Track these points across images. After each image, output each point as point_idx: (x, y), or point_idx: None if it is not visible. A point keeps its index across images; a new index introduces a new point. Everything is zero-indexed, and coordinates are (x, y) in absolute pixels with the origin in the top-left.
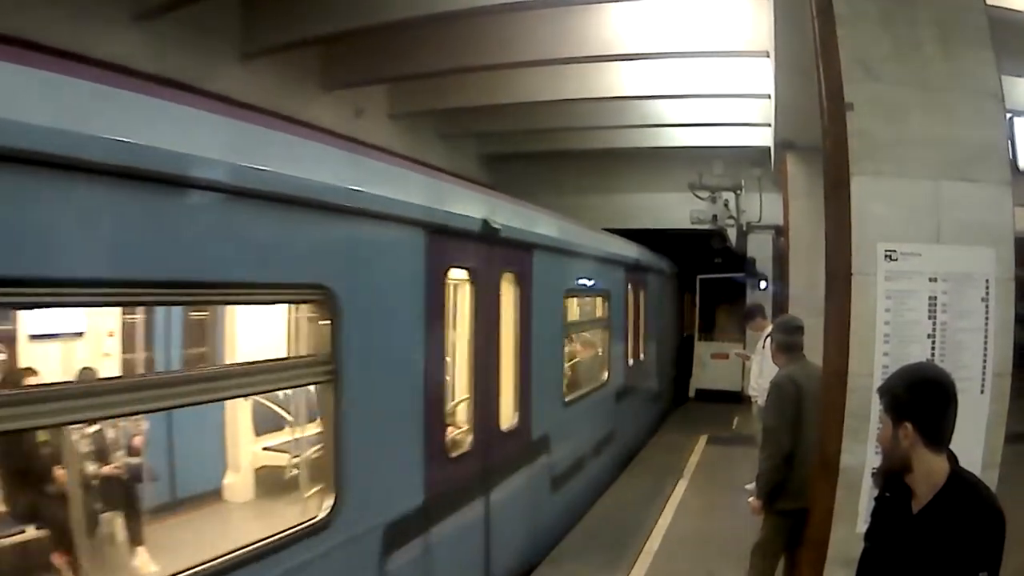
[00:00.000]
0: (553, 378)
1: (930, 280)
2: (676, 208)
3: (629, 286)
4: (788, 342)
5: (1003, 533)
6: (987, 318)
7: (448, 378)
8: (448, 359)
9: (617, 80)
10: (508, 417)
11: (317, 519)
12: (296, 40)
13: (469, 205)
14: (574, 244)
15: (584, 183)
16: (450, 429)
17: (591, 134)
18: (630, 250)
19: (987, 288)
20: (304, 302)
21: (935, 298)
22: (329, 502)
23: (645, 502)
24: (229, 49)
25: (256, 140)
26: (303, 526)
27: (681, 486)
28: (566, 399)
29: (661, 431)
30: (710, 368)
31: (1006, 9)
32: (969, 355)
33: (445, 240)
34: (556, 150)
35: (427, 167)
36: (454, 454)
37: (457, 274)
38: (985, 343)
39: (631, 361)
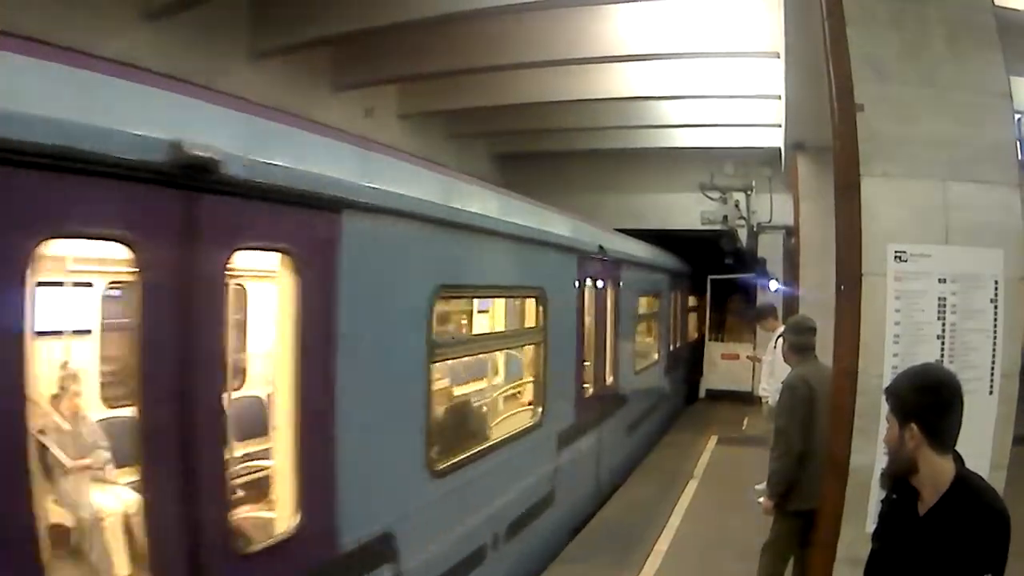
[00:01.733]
0: (630, 352)
1: (939, 281)
2: (687, 208)
3: (671, 288)
4: (800, 343)
5: (1008, 536)
6: (996, 319)
7: (582, 347)
8: (583, 336)
9: (628, 81)
10: (609, 377)
11: (536, 422)
12: (306, 40)
13: (592, 235)
14: (643, 258)
15: (595, 183)
16: (584, 380)
17: (602, 134)
18: (670, 260)
19: (996, 289)
20: (531, 297)
21: (944, 299)
22: (539, 415)
23: (655, 502)
24: (239, 49)
25: (525, 210)
26: (531, 423)
27: (691, 487)
28: (636, 368)
29: (671, 431)
30: (721, 368)
31: (1014, 10)
32: (978, 356)
33: (585, 260)
34: (567, 150)
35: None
36: (586, 396)
37: (588, 282)
38: (994, 344)
39: (672, 347)
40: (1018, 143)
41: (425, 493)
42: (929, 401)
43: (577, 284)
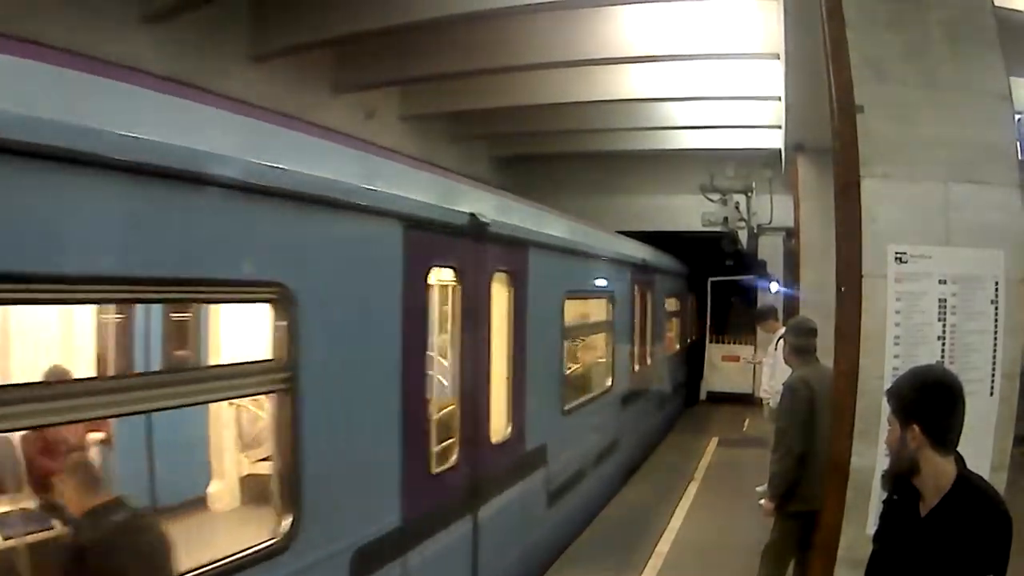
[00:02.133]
0: (660, 342)
1: (940, 282)
2: (687, 210)
3: (684, 290)
4: (801, 344)
5: (1010, 536)
6: (996, 320)
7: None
8: (634, 328)
9: (628, 82)
10: (648, 360)
11: (609, 387)
12: (306, 42)
13: (641, 250)
14: (669, 266)
15: (596, 185)
16: (639, 349)
17: (602, 136)
18: (679, 264)
19: (996, 290)
20: (601, 298)
21: (945, 300)
22: (610, 384)
23: (656, 504)
24: (239, 51)
25: (602, 236)
26: (606, 389)
27: (692, 488)
28: (666, 354)
29: (672, 433)
30: (721, 370)
31: (1015, 11)
32: (978, 357)
33: (638, 271)
34: (567, 152)
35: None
36: (635, 372)
37: (637, 288)
38: (995, 345)
39: (687, 341)
40: (1018, 144)
41: (560, 425)
42: (931, 402)
43: (630, 289)
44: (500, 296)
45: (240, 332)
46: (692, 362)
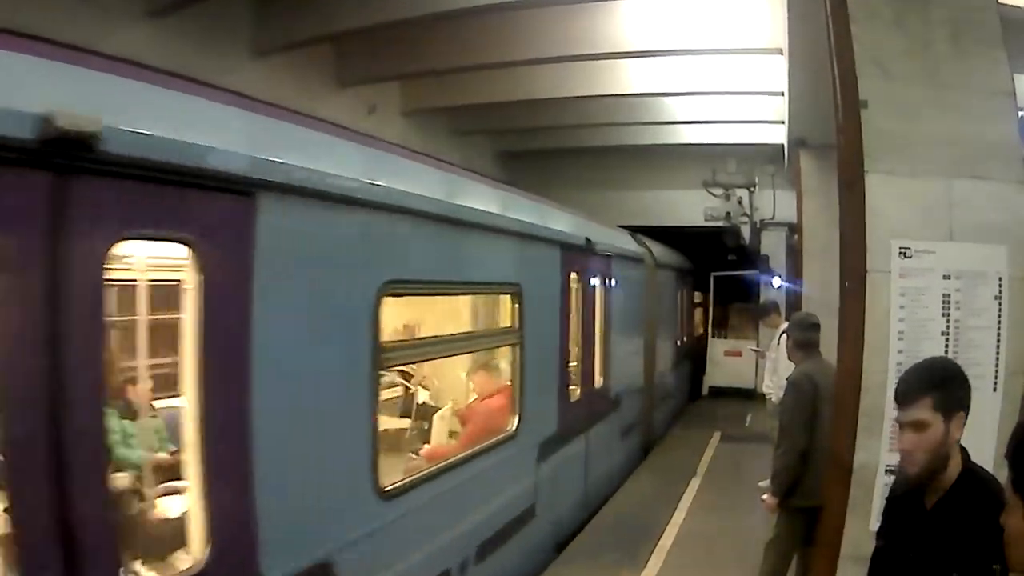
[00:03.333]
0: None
1: (944, 278)
2: (690, 205)
3: (691, 285)
4: (805, 339)
5: None
6: (1000, 316)
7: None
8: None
9: (631, 77)
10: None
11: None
12: (309, 37)
13: (673, 256)
14: (681, 265)
15: (598, 180)
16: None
17: (605, 131)
18: (686, 262)
19: (1000, 286)
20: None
21: (949, 296)
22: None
23: (659, 499)
24: (242, 46)
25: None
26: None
27: (695, 483)
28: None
29: (675, 427)
30: (723, 365)
31: (1018, 8)
32: (982, 353)
33: (672, 272)
34: (570, 147)
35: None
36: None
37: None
38: (998, 341)
39: (697, 333)
40: (1023, 140)
41: (623, 384)
42: (967, 387)
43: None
44: (599, 291)
45: (502, 311)
46: (697, 357)
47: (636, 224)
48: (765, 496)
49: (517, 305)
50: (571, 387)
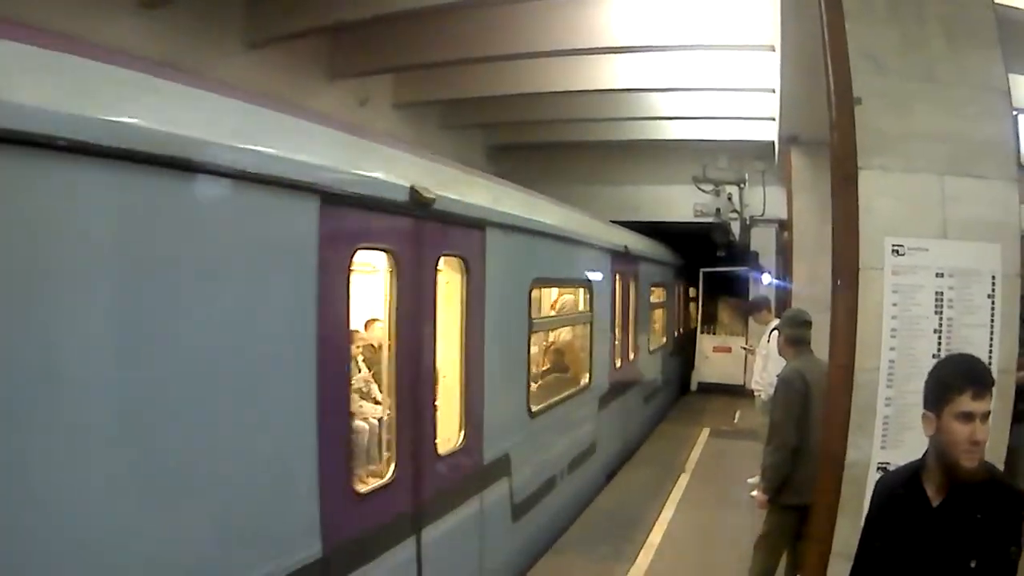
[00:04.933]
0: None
1: (937, 275)
2: (680, 201)
3: (683, 282)
4: (796, 335)
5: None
6: (993, 314)
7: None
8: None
9: (621, 72)
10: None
11: (667, 343)
12: (301, 29)
13: (662, 252)
14: (673, 261)
15: (589, 175)
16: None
17: (596, 126)
18: (676, 257)
19: (993, 284)
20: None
21: (942, 293)
22: (667, 341)
23: (648, 495)
24: (234, 37)
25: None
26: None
27: (683, 479)
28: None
29: (663, 423)
30: (712, 361)
31: (1014, 8)
32: (974, 351)
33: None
34: (561, 141)
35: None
36: (676, 337)
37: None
38: (991, 339)
39: (687, 328)
40: (1017, 139)
41: (643, 358)
42: None
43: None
44: (632, 285)
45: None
46: (686, 352)
47: (626, 220)
48: (755, 493)
49: (589, 296)
50: (617, 357)
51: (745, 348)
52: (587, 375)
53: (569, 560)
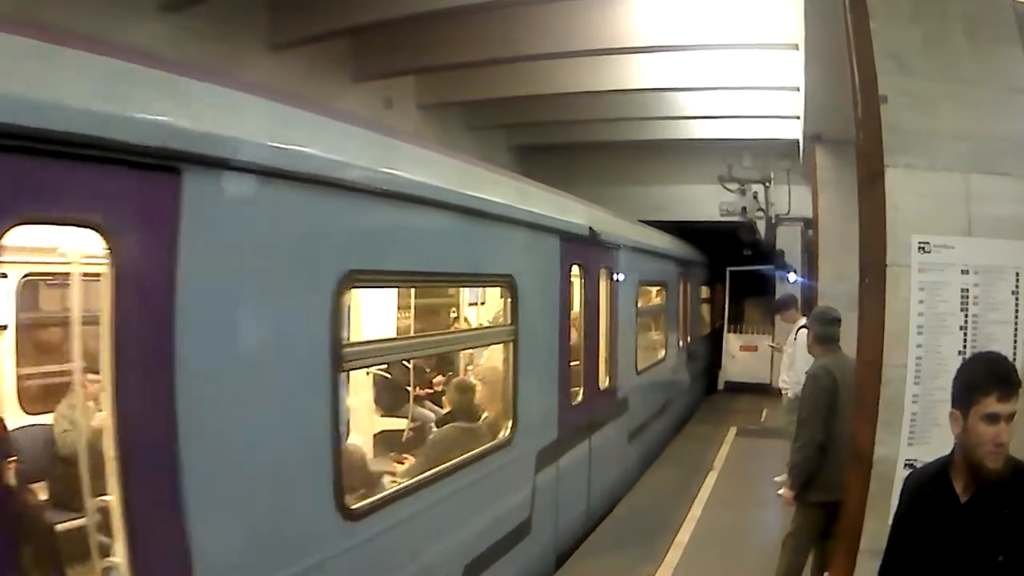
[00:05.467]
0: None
1: (962, 272)
2: (706, 200)
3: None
4: (826, 333)
5: None
6: (1017, 311)
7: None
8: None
9: (647, 72)
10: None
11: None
12: (325, 31)
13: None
14: (702, 261)
15: (615, 175)
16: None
17: (621, 126)
18: (697, 254)
19: (1017, 281)
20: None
21: (967, 290)
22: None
23: (676, 494)
24: (257, 40)
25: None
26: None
27: (711, 478)
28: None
29: (690, 423)
30: (739, 360)
31: None
32: (998, 347)
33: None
34: (586, 141)
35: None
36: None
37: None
38: (1015, 336)
39: (714, 326)
40: None
41: (694, 344)
42: None
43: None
44: (688, 288)
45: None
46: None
47: (652, 219)
48: (782, 490)
49: (666, 293)
50: (686, 336)
51: (772, 346)
52: (663, 350)
53: (600, 559)
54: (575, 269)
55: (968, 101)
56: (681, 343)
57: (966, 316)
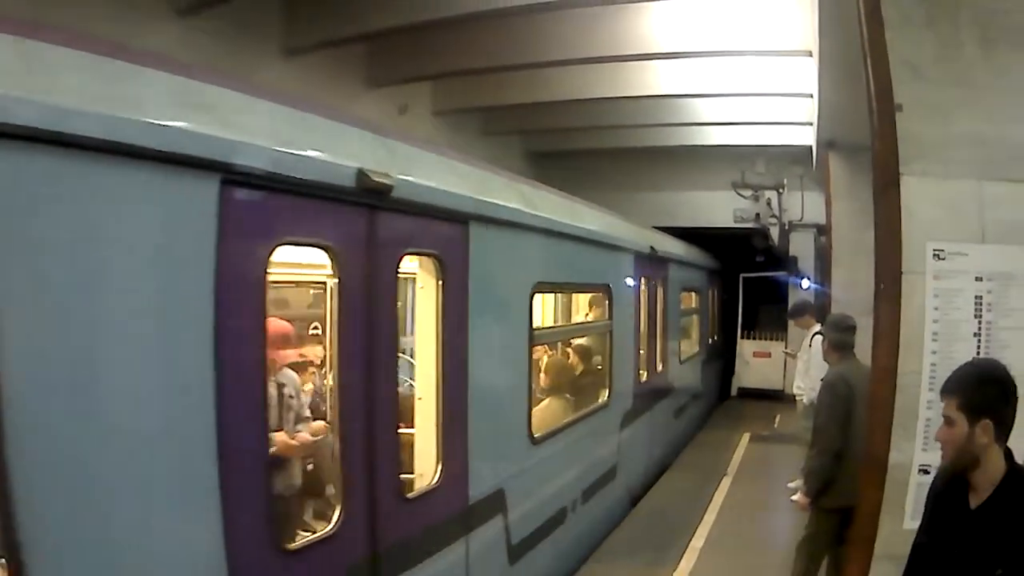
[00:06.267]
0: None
1: (976, 279)
2: (720, 206)
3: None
4: (841, 340)
5: None
6: None
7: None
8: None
9: (660, 78)
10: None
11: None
12: (340, 37)
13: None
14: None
15: (629, 181)
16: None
17: (635, 132)
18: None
19: None
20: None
21: (981, 297)
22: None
23: (690, 500)
24: (272, 45)
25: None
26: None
27: (725, 483)
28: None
29: (704, 429)
30: (752, 366)
31: None
32: (1012, 354)
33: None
34: (600, 148)
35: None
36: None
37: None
38: None
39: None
40: None
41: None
42: (999, 396)
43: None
44: (715, 294)
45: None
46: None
47: (666, 225)
48: (796, 496)
49: (698, 297)
50: (713, 335)
51: (786, 353)
52: (697, 346)
53: (614, 565)
54: (642, 279)
55: (982, 108)
56: (709, 341)
57: (980, 323)
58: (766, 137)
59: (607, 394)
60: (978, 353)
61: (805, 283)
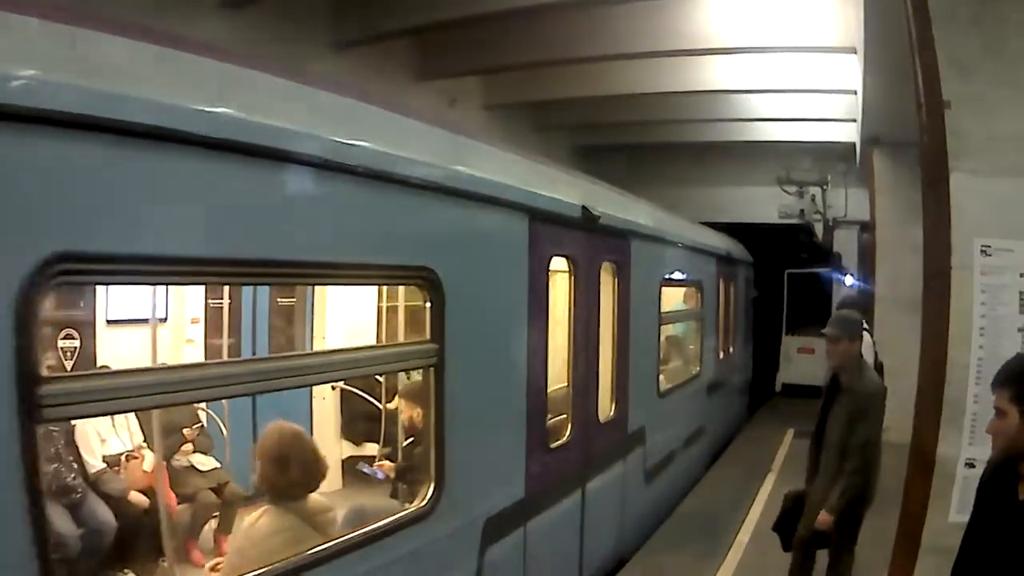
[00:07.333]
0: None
1: (1021, 275)
2: (765, 202)
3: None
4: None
5: None
6: None
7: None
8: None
9: (708, 74)
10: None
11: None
12: (390, 30)
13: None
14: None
15: (675, 176)
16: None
17: (682, 127)
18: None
19: None
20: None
21: None
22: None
23: (736, 495)
24: (320, 39)
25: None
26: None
27: (770, 479)
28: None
29: (749, 426)
30: (796, 363)
31: None
32: None
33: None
34: (648, 142)
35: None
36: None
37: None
38: None
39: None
40: None
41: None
42: None
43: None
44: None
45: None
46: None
47: (711, 220)
48: (821, 517)
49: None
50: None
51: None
52: (747, 334)
53: (664, 556)
54: (720, 278)
55: None
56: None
57: None
58: (811, 133)
59: (699, 367)
60: (1022, 348)
61: (848, 279)
